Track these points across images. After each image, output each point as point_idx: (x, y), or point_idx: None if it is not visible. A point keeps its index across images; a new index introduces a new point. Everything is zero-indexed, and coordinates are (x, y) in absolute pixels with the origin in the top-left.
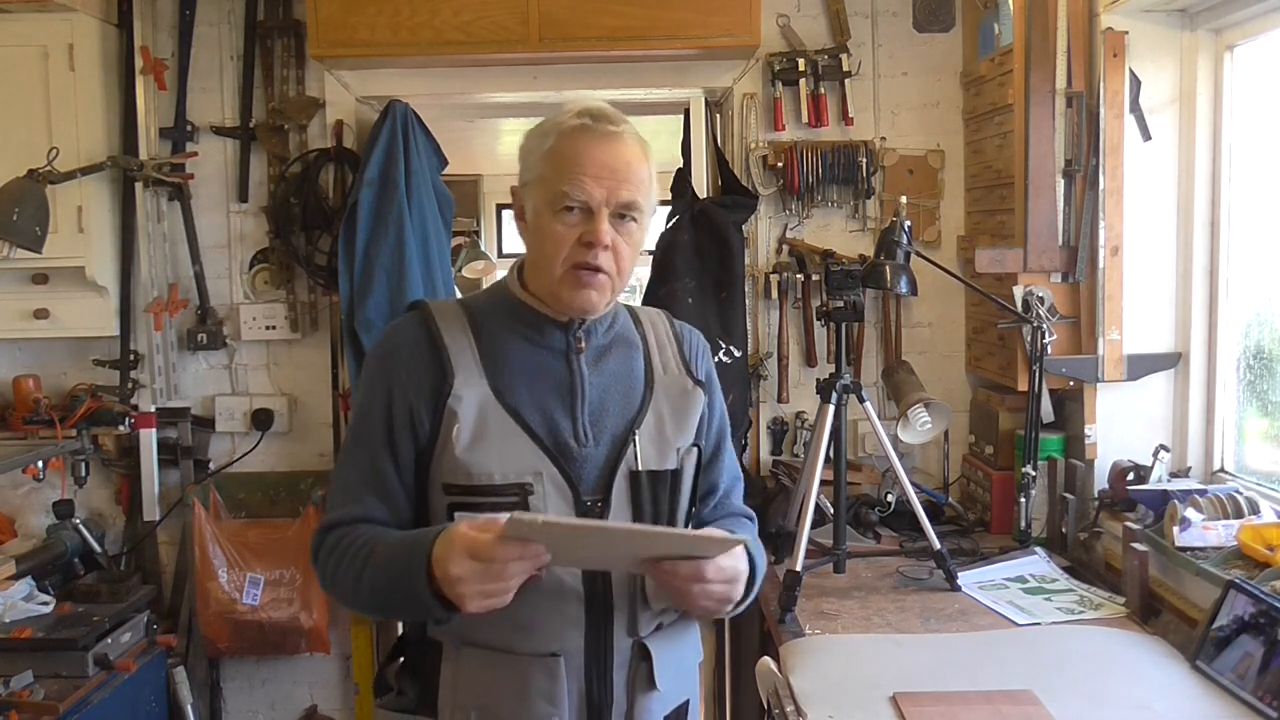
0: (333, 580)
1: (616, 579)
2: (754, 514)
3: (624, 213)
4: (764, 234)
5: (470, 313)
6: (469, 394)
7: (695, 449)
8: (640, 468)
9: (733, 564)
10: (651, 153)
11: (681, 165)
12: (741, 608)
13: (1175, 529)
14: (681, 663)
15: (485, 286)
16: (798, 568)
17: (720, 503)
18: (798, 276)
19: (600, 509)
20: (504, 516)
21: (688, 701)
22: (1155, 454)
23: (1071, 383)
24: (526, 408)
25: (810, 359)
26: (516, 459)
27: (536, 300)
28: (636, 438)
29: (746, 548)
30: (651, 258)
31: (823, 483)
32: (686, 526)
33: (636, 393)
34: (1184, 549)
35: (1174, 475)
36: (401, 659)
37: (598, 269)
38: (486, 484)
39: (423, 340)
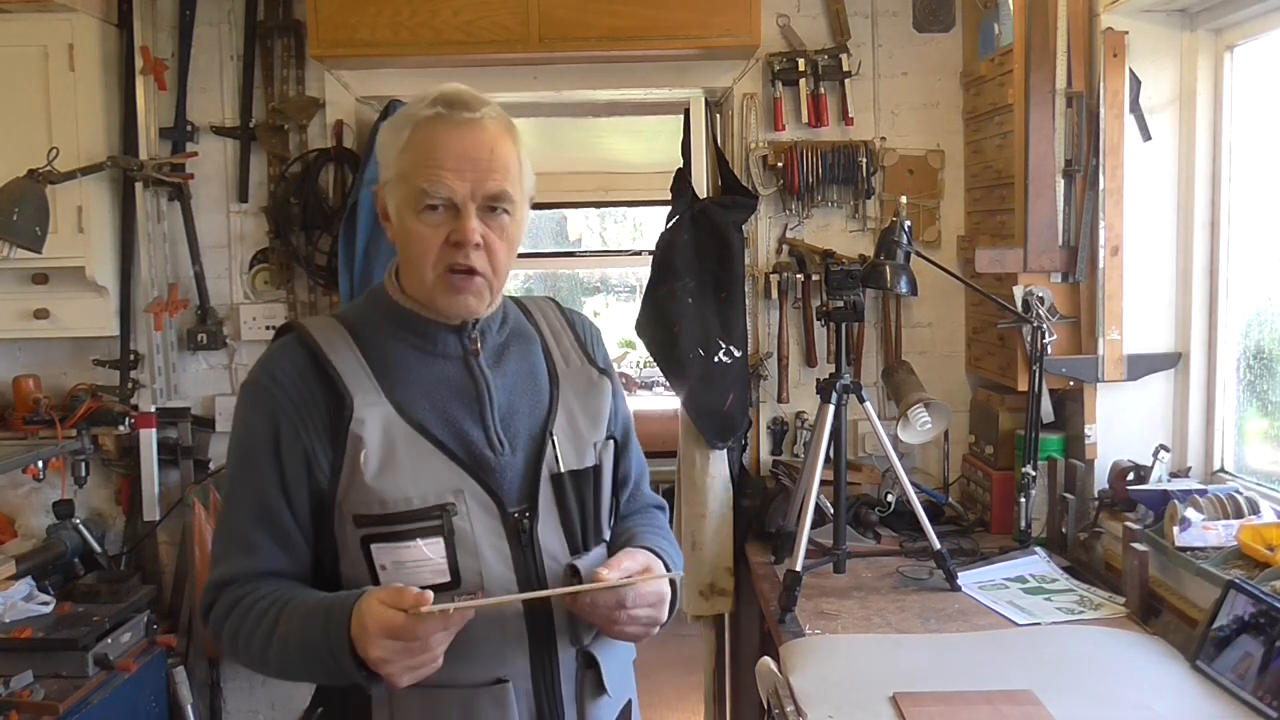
0: (232, 646)
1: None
2: (664, 503)
3: (493, 205)
4: (764, 234)
5: (349, 326)
6: (371, 415)
7: (611, 441)
8: (562, 469)
9: (654, 587)
10: (519, 137)
11: (681, 165)
12: (667, 625)
13: (1175, 529)
14: (622, 662)
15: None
16: (798, 568)
17: (633, 494)
18: (798, 276)
19: (528, 519)
20: (413, 589)
21: (630, 700)
22: (1155, 454)
23: (1071, 383)
24: (433, 422)
25: (810, 359)
26: (433, 479)
27: (419, 305)
28: (554, 439)
29: (663, 560)
30: (651, 258)
31: (823, 483)
32: (610, 522)
33: (543, 390)
34: (1184, 549)
35: (1174, 475)
36: (321, 708)
37: (471, 270)
38: (404, 510)
39: (306, 366)
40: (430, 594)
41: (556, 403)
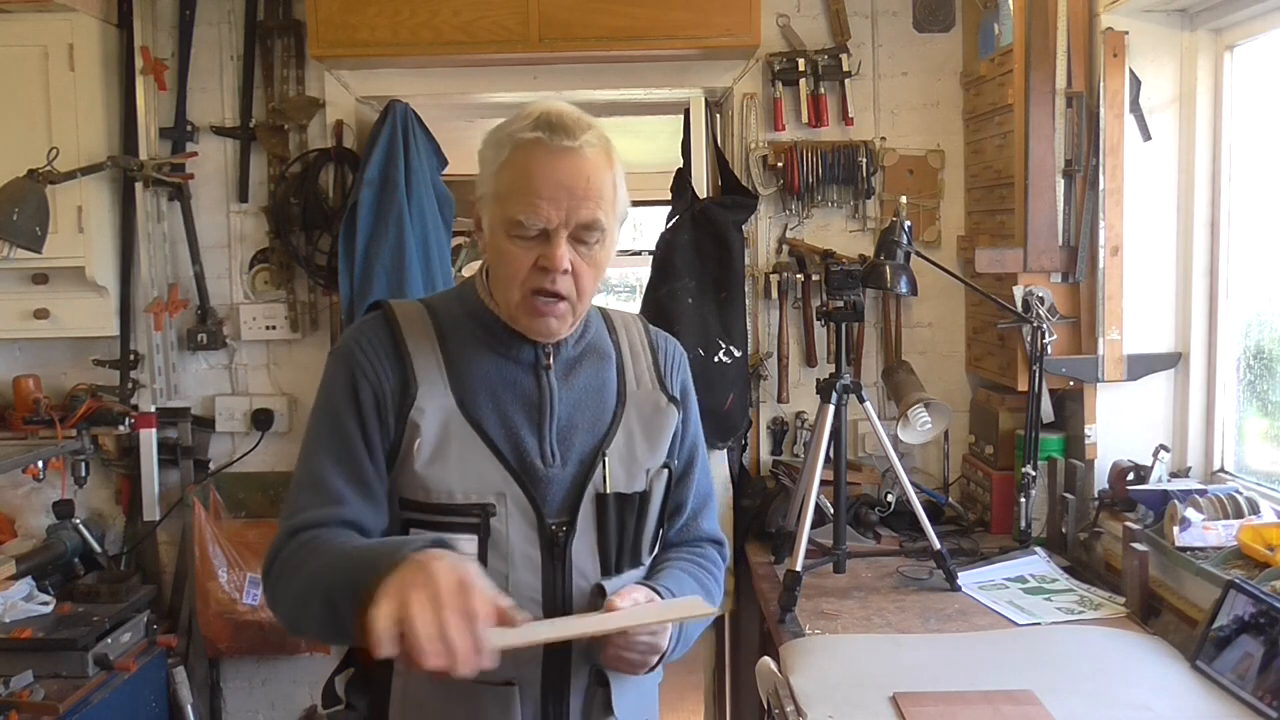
0: (278, 582)
1: (577, 606)
2: (723, 539)
3: (584, 234)
4: (764, 234)
5: (435, 317)
6: (432, 406)
7: (665, 470)
8: (608, 490)
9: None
10: (616, 156)
11: (681, 165)
12: (665, 659)
13: (1175, 529)
14: (640, 686)
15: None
16: (798, 568)
17: (687, 524)
18: (798, 276)
19: (565, 533)
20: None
21: None
22: (1155, 454)
23: (1071, 383)
24: (491, 423)
25: (810, 359)
26: (478, 478)
27: (503, 311)
28: (606, 459)
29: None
30: (651, 258)
31: (823, 483)
32: (653, 550)
33: (607, 408)
34: (1184, 549)
35: (1174, 475)
36: (351, 670)
37: (556, 295)
38: (446, 503)
39: (387, 344)
40: (521, 616)
41: (618, 423)
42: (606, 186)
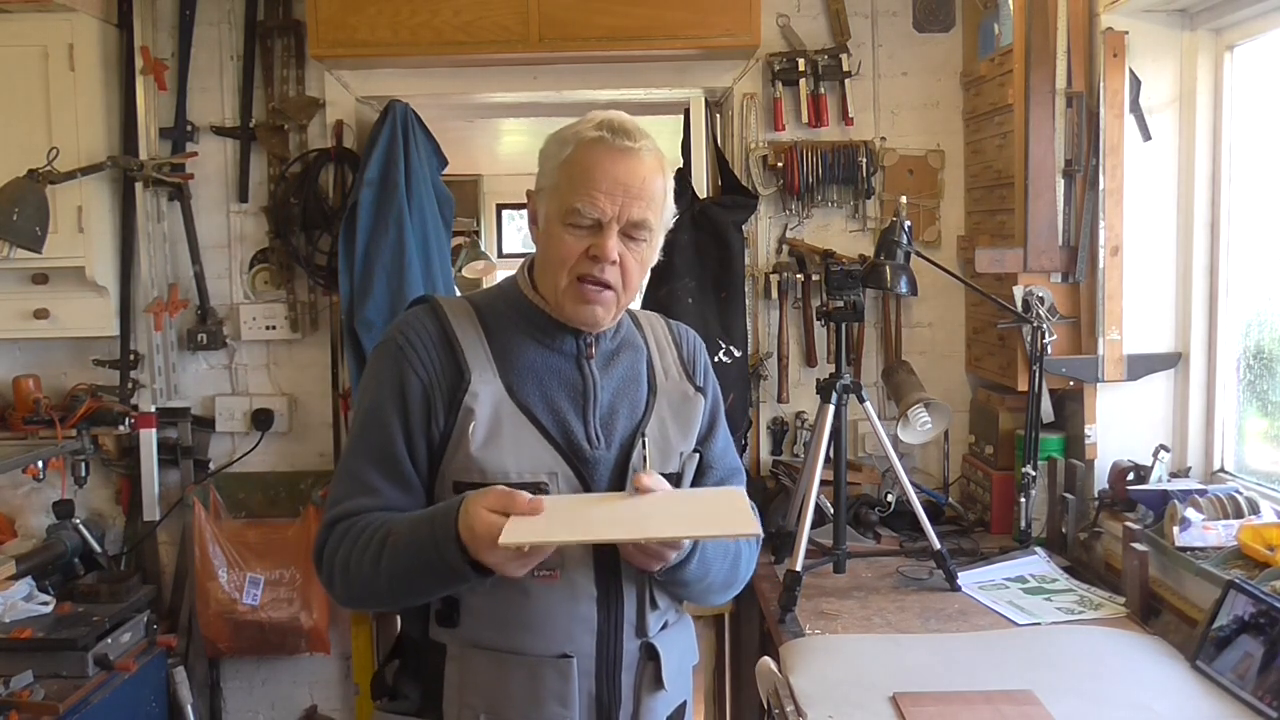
0: (344, 571)
1: (625, 573)
2: (754, 505)
3: (634, 231)
4: (764, 234)
5: (479, 311)
6: (484, 391)
7: (696, 454)
8: (647, 469)
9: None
10: (669, 167)
11: (681, 165)
12: (685, 565)
13: (1175, 529)
14: (682, 663)
15: (487, 285)
16: (798, 568)
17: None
18: (798, 276)
19: None
20: (523, 495)
21: (685, 702)
22: (1155, 454)
23: (1071, 383)
24: (539, 408)
25: (810, 359)
26: (531, 458)
27: (546, 304)
28: (645, 440)
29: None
30: None
31: (823, 483)
32: None
33: (642, 396)
34: (1184, 549)
35: (1174, 475)
36: (398, 660)
37: (604, 284)
38: (501, 482)
39: (437, 334)
40: (543, 499)
41: (651, 409)
42: (658, 191)
